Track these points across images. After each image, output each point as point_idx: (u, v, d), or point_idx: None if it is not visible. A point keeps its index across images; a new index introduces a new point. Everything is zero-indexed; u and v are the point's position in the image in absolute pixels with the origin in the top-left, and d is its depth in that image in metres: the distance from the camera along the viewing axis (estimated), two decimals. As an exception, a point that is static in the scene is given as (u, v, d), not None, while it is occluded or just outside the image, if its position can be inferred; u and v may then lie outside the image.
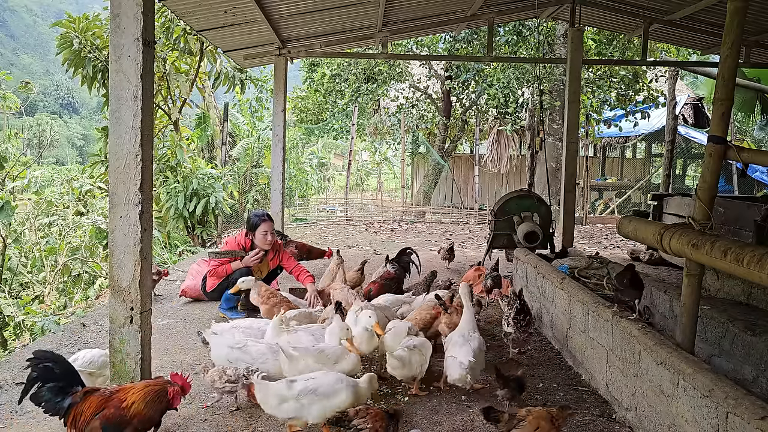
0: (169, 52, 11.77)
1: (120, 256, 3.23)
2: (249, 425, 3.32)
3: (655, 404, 3.04)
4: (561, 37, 13.50)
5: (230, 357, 3.54)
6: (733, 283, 5.35)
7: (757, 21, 7.87)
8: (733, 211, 7.11)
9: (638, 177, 19.82)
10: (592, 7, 8.29)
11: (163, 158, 11.52)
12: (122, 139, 3.20)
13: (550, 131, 13.92)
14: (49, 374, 2.82)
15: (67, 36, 11.02)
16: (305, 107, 20.37)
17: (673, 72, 12.15)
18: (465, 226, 13.78)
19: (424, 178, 19.00)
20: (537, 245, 7.01)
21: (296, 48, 8.60)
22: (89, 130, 39.33)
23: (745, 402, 2.34)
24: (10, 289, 9.58)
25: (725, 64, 3.11)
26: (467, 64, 15.20)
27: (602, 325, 3.74)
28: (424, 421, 3.38)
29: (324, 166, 22.22)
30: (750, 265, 2.56)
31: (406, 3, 7.76)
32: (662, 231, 3.29)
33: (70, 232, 10.82)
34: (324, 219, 14.29)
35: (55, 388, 2.79)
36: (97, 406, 2.76)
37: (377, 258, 8.35)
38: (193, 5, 6.27)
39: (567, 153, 8.19)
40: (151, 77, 3.31)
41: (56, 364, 2.86)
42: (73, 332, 5.05)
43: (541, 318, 5.16)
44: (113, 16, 3.17)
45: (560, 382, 4.02)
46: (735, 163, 8.55)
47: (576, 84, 8.04)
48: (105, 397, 2.81)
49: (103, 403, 2.77)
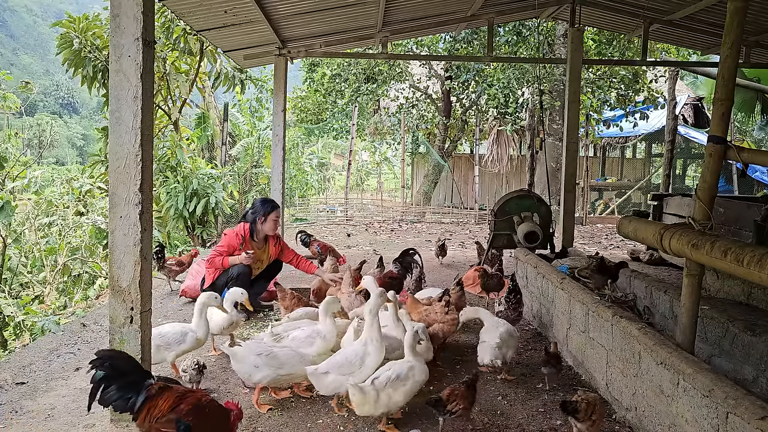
0: (169, 52, 11.77)
1: (120, 256, 3.23)
2: (249, 425, 3.32)
3: (655, 404, 3.04)
4: (561, 37, 13.50)
5: (257, 363, 3.46)
6: (733, 283, 5.35)
7: (757, 21, 7.87)
8: (733, 211, 7.10)
9: (638, 177, 19.82)
10: (592, 7, 8.29)
11: (163, 158, 11.52)
12: (122, 139, 3.20)
13: (550, 131, 13.92)
14: (116, 372, 2.76)
15: (67, 36, 11.02)
16: (305, 107, 20.37)
17: (673, 72, 12.15)
18: (465, 226, 13.77)
19: (424, 178, 19.00)
20: (537, 245, 7.00)
21: (296, 48, 8.60)
22: (89, 130, 39.35)
23: (745, 402, 2.34)
24: (10, 289, 9.58)
25: (725, 64, 3.11)
26: (467, 64, 15.20)
27: (602, 325, 3.74)
28: (424, 421, 3.38)
29: (324, 166, 22.22)
30: (750, 265, 2.56)
31: (406, 3, 7.76)
32: (662, 231, 3.29)
33: (70, 232, 10.83)
34: (324, 219, 14.29)
35: (124, 386, 2.75)
36: (174, 401, 2.74)
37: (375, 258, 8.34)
38: (193, 5, 6.27)
39: (567, 153, 8.20)
40: (151, 77, 3.31)
41: (121, 361, 2.82)
42: (73, 332, 5.05)
43: (541, 318, 5.16)
44: (113, 16, 3.17)
45: (560, 382, 4.02)
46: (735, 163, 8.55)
47: (576, 84, 8.04)
48: (180, 393, 2.79)
49: (180, 400, 2.75)
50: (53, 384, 3.90)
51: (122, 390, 2.74)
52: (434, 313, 4.24)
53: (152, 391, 2.74)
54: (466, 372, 4.07)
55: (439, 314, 4.21)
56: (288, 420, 3.38)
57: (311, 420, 3.37)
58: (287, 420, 3.38)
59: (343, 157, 24.98)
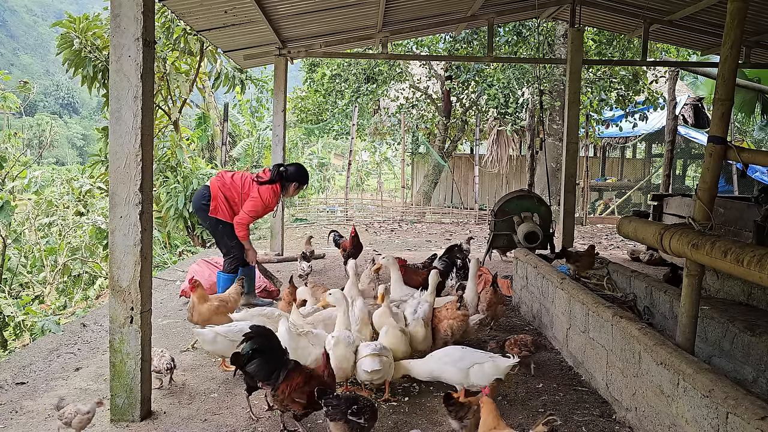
0: (169, 52, 11.76)
1: (120, 256, 3.23)
2: (249, 425, 3.33)
3: (655, 404, 3.04)
4: (561, 38, 13.49)
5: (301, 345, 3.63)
6: (733, 283, 5.35)
7: (757, 21, 7.87)
8: (733, 211, 7.10)
9: (638, 177, 19.81)
10: (592, 8, 8.29)
11: (163, 158, 11.51)
12: (122, 139, 3.20)
13: (550, 131, 13.91)
14: (266, 347, 3.16)
15: (67, 36, 11.01)
16: (305, 107, 20.36)
17: (673, 72, 12.14)
18: (465, 227, 13.77)
19: (424, 178, 18.99)
20: (537, 245, 7.01)
21: (296, 48, 8.60)
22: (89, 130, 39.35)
23: (745, 402, 2.34)
24: (10, 289, 9.58)
25: (725, 65, 3.11)
26: (467, 64, 15.19)
27: (602, 325, 3.74)
28: (424, 421, 3.39)
29: (324, 167, 22.21)
30: (750, 266, 2.57)
31: (407, 3, 7.76)
32: (662, 231, 3.29)
33: (70, 232, 10.82)
34: (324, 219, 14.29)
35: (270, 360, 3.13)
36: (306, 376, 3.11)
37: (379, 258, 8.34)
38: (193, 5, 6.27)
39: (567, 153, 8.20)
40: (152, 77, 3.31)
41: (269, 339, 3.21)
42: (73, 332, 5.05)
43: (541, 318, 5.16)
44: (113, 16, 3.17)
45: (560, 382, 4.02)
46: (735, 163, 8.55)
47: (576, 84, 8.04)
48: (309, 371, 3.18)
49: (310, 375, 3.13)
50: (53, 384, 3.90)
51: (268, 363, 3.12)
52: (445, 310, 4.25)
53: (290, 366, 3.13)
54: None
55: (450, 310, 4.22)
56: (288, 420, 3.38)
57: (311, 420, 3.37)
58: (287, 420, 3.38)
59: (343, 157, 24.98)
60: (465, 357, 3.54)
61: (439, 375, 3.57)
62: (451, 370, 3.49)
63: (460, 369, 3.47)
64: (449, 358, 3.57)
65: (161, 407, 3.50)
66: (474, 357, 3.54)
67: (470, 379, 3.43)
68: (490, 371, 3.41)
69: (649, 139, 19.60)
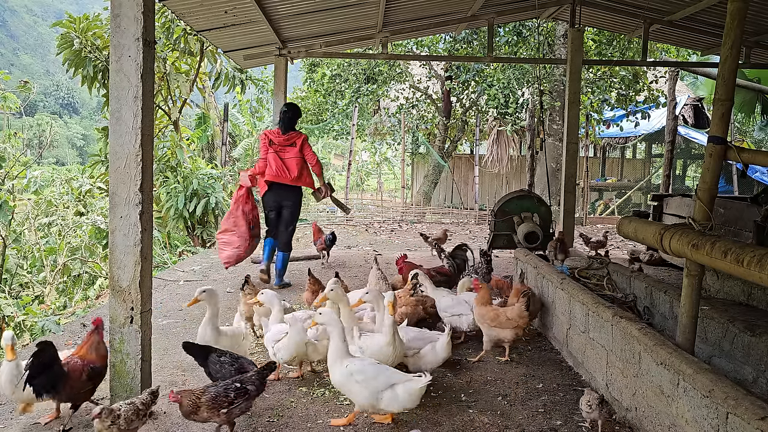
0: (169, 52, 11.77)
1: (120, 256, 3.23)
2: (249, 425, 3.33)
3: (655, 404, 3.04)
4: (561, 38, 13.49)
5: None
6: (733, 284, 5.35)
7: (757, 21, 7.87)
8: (733, 211, 7.10)
9: (638, 177, 19.82)
10: (592, 8, 8.29)
11: (163, 158, 11.52)
12: (122, 139, 3.20)
13: (550, 131, 13.91)
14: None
15: (67, 36, 11.01)
16: (305, 107, 20.33)
17: (673, 72, 12.15)
18: (465, 227, 13.77)
19: (424, 178, 18.99)
20: (537, 246, 7.01)
21: (296, 48, 8.60)
22: (89, 130, 39.36)
23: (745, 402, 2.34)
24: (10, 290, 9.57)
25: (725, 65, 3.11)
26: (467, 64, 15.20)
27: (602, 325, 3.74)
28: (423, 421, 3.39)
29: (324, 167, 22.18)
30: (750, 266, 2.56)
31: (407, 3, 7.76)
32: (662, 231, 3.29)
33: (69, 232, 10.81)
34: (324, 219, 14.29)
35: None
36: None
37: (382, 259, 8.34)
38: (194, 5, 6.27)
39: (567, 153, 8.20)
40: (152, 77, 3.31)
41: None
42: (73, 332, 5.05)
43: (541, 318, 5.16)
44: (113, 16, 3.17)
45: (560, 382, 4.02)
46: (735, 163, 8.55)
47: (576, 84, 8.04)
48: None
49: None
50: (53, 384, 3.89)
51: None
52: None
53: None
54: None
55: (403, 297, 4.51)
56: (288, 420, 3.38)
57: (311, 420, 3.37)
58: (287, 420, 3.38)
59: (343, 157, 24.98)
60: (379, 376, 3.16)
61: (347, 392, 3.26)
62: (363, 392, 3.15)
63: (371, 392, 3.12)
64: (363, 375, 3.17)
65: (161, 407, 3.50)
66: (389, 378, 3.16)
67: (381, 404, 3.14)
68: (403, 395, 3.12)
69: (649, 140, 19.61)
